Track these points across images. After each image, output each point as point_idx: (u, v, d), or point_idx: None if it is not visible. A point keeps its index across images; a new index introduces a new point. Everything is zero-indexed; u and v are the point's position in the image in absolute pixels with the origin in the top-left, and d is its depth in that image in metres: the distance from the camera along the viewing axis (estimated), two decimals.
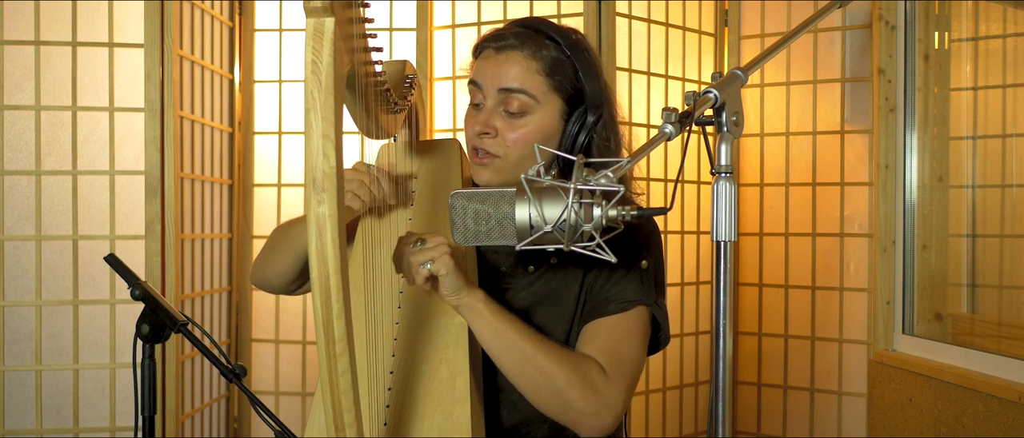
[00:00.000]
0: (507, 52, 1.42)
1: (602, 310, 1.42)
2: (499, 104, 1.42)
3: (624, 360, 1.39)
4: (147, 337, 1.28)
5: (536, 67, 1.41)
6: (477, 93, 1.45)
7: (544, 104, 1.41)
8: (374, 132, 1.38)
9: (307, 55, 0.96)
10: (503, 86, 1.41)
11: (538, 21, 1.47)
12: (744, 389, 3.00)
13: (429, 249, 1.28)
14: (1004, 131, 2.53)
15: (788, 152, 2.92)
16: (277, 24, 2.90)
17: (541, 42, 1.42)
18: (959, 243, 2.64)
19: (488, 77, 1.43)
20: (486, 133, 1.42)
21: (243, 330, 2.90)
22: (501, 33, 1.45)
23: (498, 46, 1.43)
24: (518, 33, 1.43)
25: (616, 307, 1.41)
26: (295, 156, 2.91)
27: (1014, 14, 2.54)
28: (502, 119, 1.42)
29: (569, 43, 1.43)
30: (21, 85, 2.38)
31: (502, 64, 1.42)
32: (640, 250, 1.46)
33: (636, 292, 1.42)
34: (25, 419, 2.37)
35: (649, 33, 2.83)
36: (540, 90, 1.41)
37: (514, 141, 1.42)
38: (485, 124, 1.42)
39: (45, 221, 2.39)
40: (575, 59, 1.42)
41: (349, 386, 1.02)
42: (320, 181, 0.96)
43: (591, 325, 1.42)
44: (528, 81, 1.40)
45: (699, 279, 2.97)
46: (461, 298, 1.31)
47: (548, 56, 1.41)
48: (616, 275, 1.43)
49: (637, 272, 1.44)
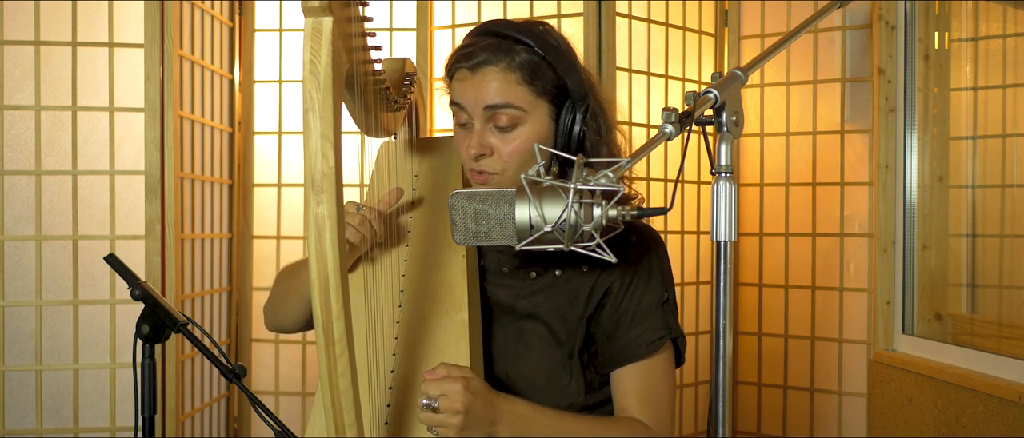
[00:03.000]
0: (482, 69, 1.37)
1: (632, 354, 1.42)
2: (487, 121, 1.38)
3: (663, 403, 1.43)
4: (147, 337, 1.28)
5: (515, 78, 1.37)
6: (461, 113, 1.41)
7: (532, 112, 1.38)
8: (374, 131, 1.38)
9: (305, 55, 0.96)
10: (487, 104, 1.37)
11: (500, 25, 1.41)
12: (744, 389, 3.00)
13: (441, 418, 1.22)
14: (1004, 131, 2.53)
15: (788, 152, 2.92)
16: (277, 24, 2.90)
17: (512, 49, 1.37)
18: (959, 243, 2.64)
19: (470, 98, 1.39)
20: (482, 154, 1.39)
21: (243, 330, 2.90)
22: (469, 51, 1.40)
23: (471, 65, 1.38)
24: (487, 46, 1.38)
25: (647, 350, 1.42)
26: (295, 156, 2.91)
27: (1014, 14, 2.54)
28: (494, 136, 1.39)
29: (540, 42, 1.38)
30: (21, 85, 2.38)
31: (481, 83, 1.37)
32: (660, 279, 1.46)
33: (662, 328, 1.43)
34: (25, 419, 2.37)
35: (649, 33, 2.83)
36: (525, 99, 1.37)
37: (510, 154, 1.39)
38: (479, 145, 1.39)
39: (45, 221, 2.39)
40: (549, 56, 1.38)
41: (349, 386, 1.02)
42: (319, 181, 0.96)
43: (624, 372, 1.43)
44: (511, 94, 1.37)
45: (699, 279, 2.97)
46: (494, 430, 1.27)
47: (524, 63, 1.37)
48: (640, 312, 1.43)
49: (659, 306, 1.44)
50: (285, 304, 1.56)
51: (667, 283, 1.48)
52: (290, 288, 1.55)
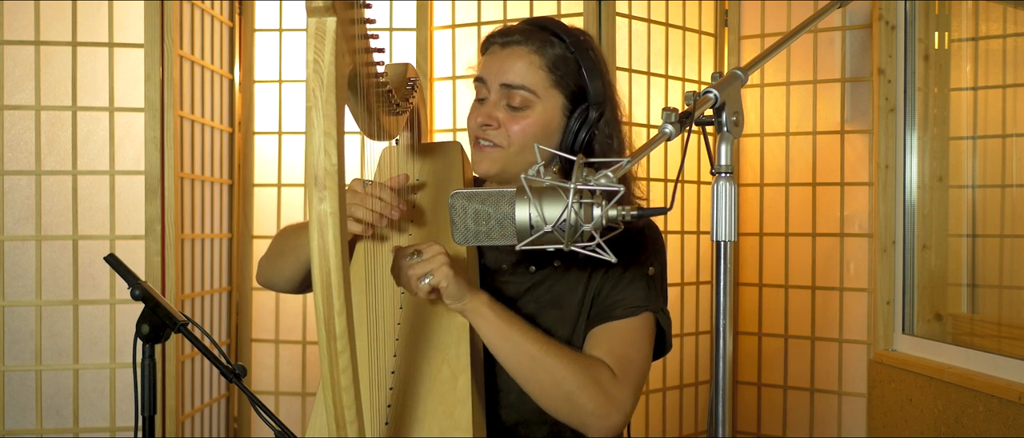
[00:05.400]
0: (511, 47, 1.44)
1: (609, 314, 1.43)
2: (502, 98, 1.44)
3: (632, 363, 1.40)
4: (147, 337, 1.28)
5: (538, 62, 1.42)
6: (482, 88, 1.47)
7: (545, 99, 1.43)
8: (376, 133, 1.38)
9: (309, 55, 0.96)
10: (504, 81, 1.43)
11: (547, 20, 1.48)
12: (744, 389, 3.00)
13: (426, 261, 1.29)
14: (1004, 131, 2.53)
15: (788, 152, 2.92)
16: (277, 24, 2.90)
17: (546, 39, 1.43)
18: (959, 243, 2.64)
19: (492, 72, 1.45)
20: (488, 124, 1.44)
21: (243, 330, 2.90)
22: (509, 29, 1.47)
23: (504, 42, 1.45)
24: (525, 30, 1.45)
25: (623, 312, 1.42)
26: (295, 156, 2.91)
27: (1014, 14, 2.54)
28: (504, 112, 1.44)
29: (574, 41, 1.44)
30: (21, 85, 2.38)
31: (506, 59, 1.44)
32: (648, 256, 1.46)
33: (643, 298, 1.43)
34: (25, 419, 2.37)
35: (649, 33, 2.84)
36: (541, 85, 1.42)
37: (516, 132, 1.43)
38: (488, 116, 1.44)
39: (45, 221, 2.39)
40: (579, 56, 1.44)
41: (350, 383, 1.02)
42: (322, 179, 0.96)
43: (598, 329, 1.43)
44: (529, 76, 1.42)
45: (699, 279, 2.97)
46: (465, 304, 1.32)
47: (552, 53, 1.43)
48: (623, 280, 1.44)
49: (644, 278, 1.44)
50: (279, 262, 1.57)
51: (656, 260, 1.47)
52: (287, 247, 1.56)
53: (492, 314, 1.33)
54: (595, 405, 1.34)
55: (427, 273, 1.29)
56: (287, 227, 1.64)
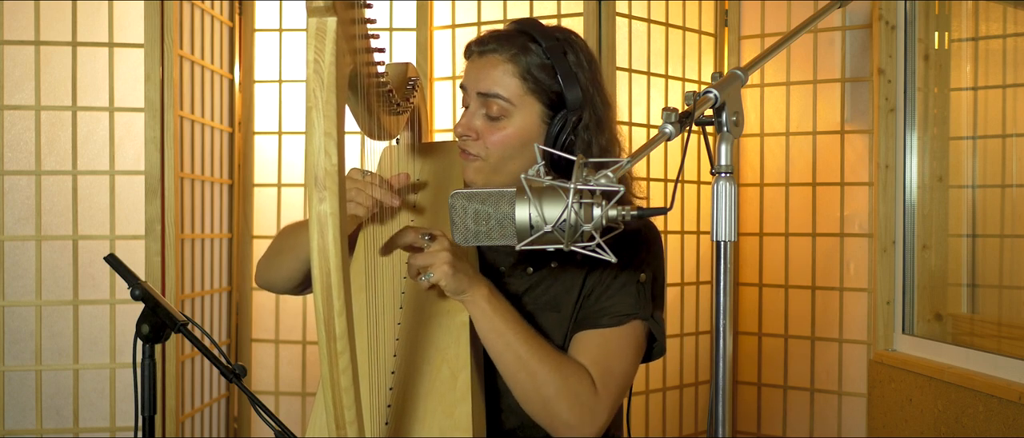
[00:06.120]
0: (488, 55, 1.44)
1: (595, 321, 1.42)
2: (480, 106, 1.44)
3: (614, 375, 1.39)
4: (147, 337, 1.28)
5: (512, 70, 1.42)
6: (465, 96, 1.48)
7: (521, 108, 1.42)
8: (376, 133, 1.38)
9: (309, 55, 0.96)
10: (480, 90, 1.43)
11: (527, 23, 1.47)
12: (744, 389, 3.00)
13: (428, 255, 1.29)
14: (1004, 131, 2.53)
15: (788, 152, 2.92)
16: (277, 24, 2.90)
17: (523, 45, 1.42)
18: (959, 243, 2.64)
19: (471, 80, 1.46)
20: (467, 135, 1.45)
21: (243, 330, 2.90)
22: (486, 37, 1.46)
23: (481, 50, 1.45)
24: (501, 36, 1.45)
25: (610, 320, 1.41)
26: (295, 156, 2.91)
27: (1014, 14, 2.54)
28: (483, 122, 1.44)
29: (551, 46, 1.43)
30: (21, 85, 2.38)
31: (482, 68, 1.44)
32: (642, 260, 1.45)
33: (632, 306, 1.42)
34: (25, 419, 2.37)
35: (649, 33, 2.84)
36: (516, 94, 1.42)
37: (493, 143, 1.43)
38: (466, 126, 1.45)
39: (45, 221, 2.39)
40: (555, 62, 1.42)
41: (350, 383, 1.02)
42: (322, 179, 0.96)
43: (584, 335, 1.42)
44: (504, 85, 1.42)
45: (699, 279, 2.97)
46: (464, 295, 1.33)
47: (525, 60, 1.42)
48: (614, 286, 1.43)
49: (635, 285, 1.43)
50: (278, 260, 1.57)
51: (651, 267, 1.46)
52: (286, 245, 1.56)
53: (489, 307, 1.33)
54: (570, 415, 1.34)
55: (427, 271, 1.29)
56: (287, 226, 1.64)
